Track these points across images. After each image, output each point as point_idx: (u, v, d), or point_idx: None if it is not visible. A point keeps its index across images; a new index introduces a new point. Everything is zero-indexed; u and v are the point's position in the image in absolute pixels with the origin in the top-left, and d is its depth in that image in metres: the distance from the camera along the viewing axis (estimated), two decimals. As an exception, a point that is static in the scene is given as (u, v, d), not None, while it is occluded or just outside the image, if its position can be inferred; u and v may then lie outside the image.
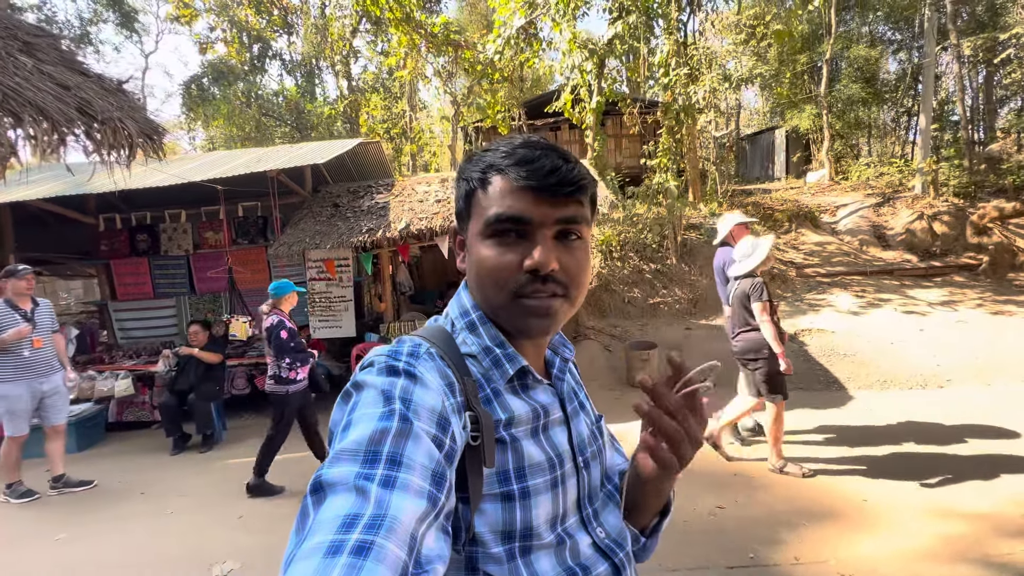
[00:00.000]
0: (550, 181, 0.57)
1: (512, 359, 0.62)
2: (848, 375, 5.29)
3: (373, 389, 0.51)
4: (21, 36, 1.52)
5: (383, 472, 0.42)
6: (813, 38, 14.29)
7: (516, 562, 0.55)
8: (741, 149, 16.84)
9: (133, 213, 6.39)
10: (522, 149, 0.60)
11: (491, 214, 0.59)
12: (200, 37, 17.84)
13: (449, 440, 0.50)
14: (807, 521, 2.72)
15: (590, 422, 0.70)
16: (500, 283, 0.59)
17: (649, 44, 8.32)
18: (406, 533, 0.39)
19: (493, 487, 0.56)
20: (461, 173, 0.65)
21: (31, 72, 1.34)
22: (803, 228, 9.69)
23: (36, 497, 3.73)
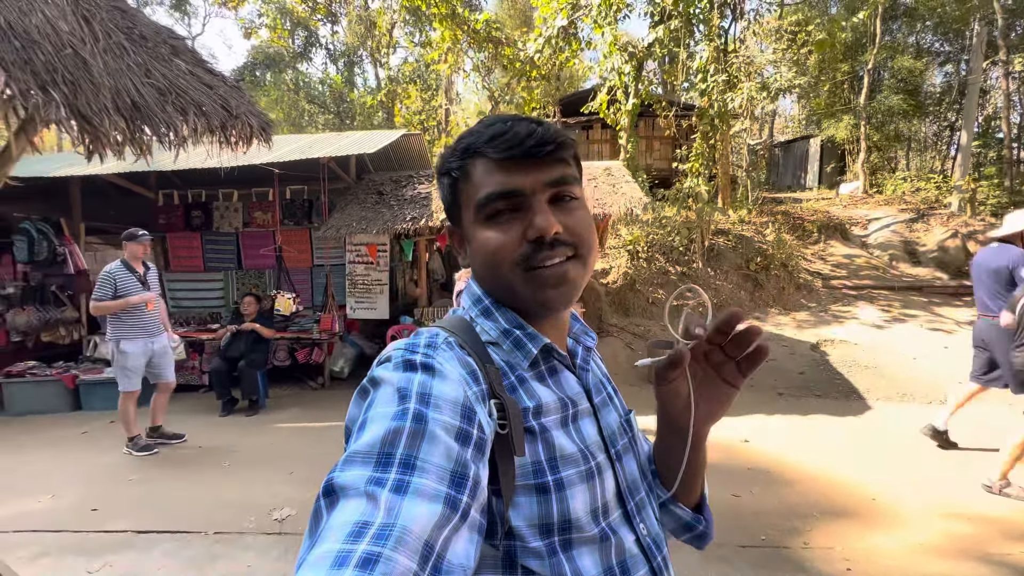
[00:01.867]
0: (528, 144, 0.56)
1: (533, 338, 0.60)
2: (868, 386, 5.38)
3: (389, 386, 0.49)
4: (168, 40, 1.80)
5: (395, 476, 0.41)
6: (856, 47, 14.05)
7: (558, 557, 0.53)
8: (773, 157, 16.68)
9: (189, 190, 6.80)
10: (492, 125, 0.59)
11: (480, 196, 0.58)
12: (245, 22, 18.43)
13: (477, 430, 0.48)
14: (818, 513, 2.90)
15: (620, 414, 0.68)
16: (507, 261, 0.58)
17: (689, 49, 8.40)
18: (418, 542, 0.37)
19: (528, 479, 0.53)
20: (440, 169, 0.64)
21: (186, 74, 1.62)
22: (832, 240, 9.67)
23: (155, 452, 3.96)
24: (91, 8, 1.39)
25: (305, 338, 5.93)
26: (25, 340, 5.79)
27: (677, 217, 8.86)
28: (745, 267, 8.18)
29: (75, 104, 1.11)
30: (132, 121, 1.30)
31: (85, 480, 3.54)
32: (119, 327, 3.87)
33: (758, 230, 9.16)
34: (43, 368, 5.40)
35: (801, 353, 6.27)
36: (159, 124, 1.37)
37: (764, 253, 8.34)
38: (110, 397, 5.28)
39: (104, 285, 3.79)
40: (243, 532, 2.79)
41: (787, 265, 8.29)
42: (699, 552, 2.49)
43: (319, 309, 6.44)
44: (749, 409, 4.81)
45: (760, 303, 7.87)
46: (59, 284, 5.79)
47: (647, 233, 8.46)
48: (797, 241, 9.25)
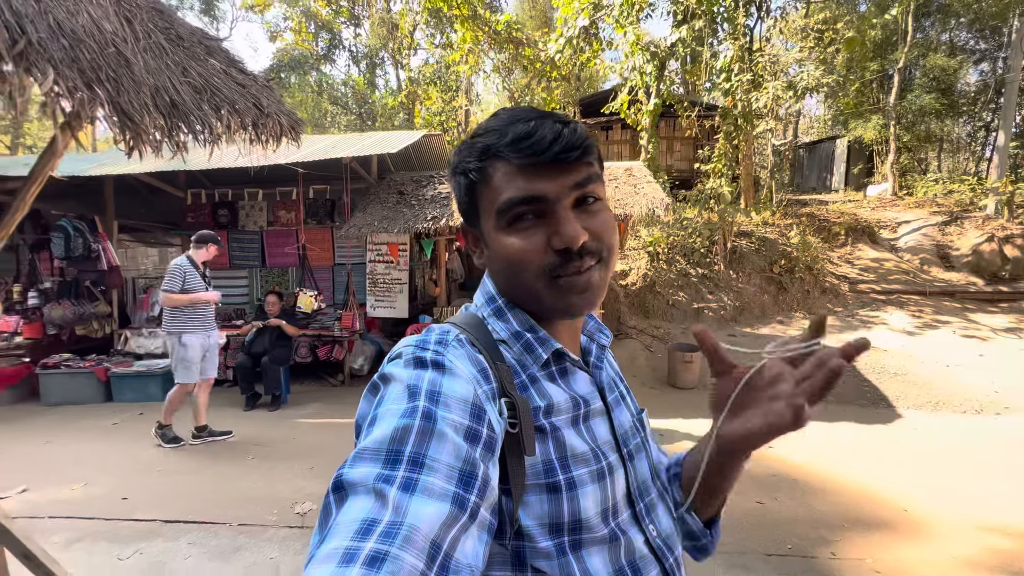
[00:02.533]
0: (555, 150, 0.53)
1: (544, 342, 0.59)
2: (897, 394, 5.22)
3: (399, 383, 0.49)
4: (202, 41, 1.85)
5: (404, 474, 0.41)
6: (886, 45, 13.67)
7: (567, 557, 0.52)
8: (798, 158, 16.33)
9: (216, 189, 6.97)
10: (515, 124, 0.55)
11: (502, 202, 0.56)
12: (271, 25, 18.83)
13: (487, 429, 0.48)
14: (847, 523, 2.82)
15: (632, 413, 0.67)
16: (531, 271, 0.56)
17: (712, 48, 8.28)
18: (425, 541, 0.37)
19: (539, 478, 0.53)
20: (456, 168, 0.60)
21: (221, 73, 1.66)
22: (860, 243, 9.41)
23: (182, 444, 4.05)
24: (132, 9, 1.43)
25: (326, 335, 6.01)
26: (60, 333, 6.01)
27: (698, 219, 8.74)
28: (769, 270, 8.02)
29: (117, 101, 1.15)
30: (170, 118, 1.34)
31: (116, 470, 3.65)
32: (183, 321, 3.97)
33: (782, 232, 8.97)
34: (77, 360, 5.58)
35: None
36: (195, 121, 1.41)
37: (788, 256, 8.16)
38: (139, 389, 5.45)
39: (175, 278, 3.88)
40: (266, 525, 2.84)
41: (812, 268, 8.10)
42: (721, 559, 2.46)
43: (340, 307, 6.52)
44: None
45: (784, 307, 7.70)
46: (92, 280, 5.98)
47: (668, 235, 8.36)
48: (823, 244, 9.03)
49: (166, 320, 3.97)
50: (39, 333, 5.87)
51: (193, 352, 3.97)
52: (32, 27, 0.99)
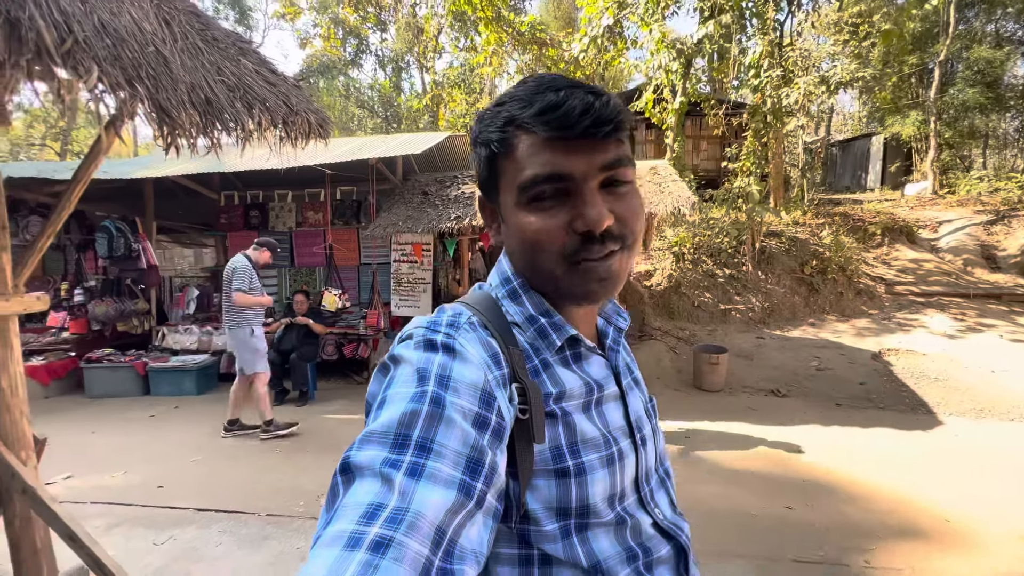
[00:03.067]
0: (584, 124, 0.50)
1: (559, 328, 0.58)
2: (938, 400, 4.98)
3: (408, 365, 0.48)
4: (236, 43, 1.91)
5: (411, 459, 0.40)
6: (926, 37, 13.13)
7: (571, 539, 0.52)
8: (831, 156, 15.81)
9: (248, 191, 7.19)
10: (543, 93, 0.51)
11: (525, 178, 0.52)
12: (301, 33, 19.36)
13: (496, 416, 0.47)
14: (883, 532, 2.70)
15: (644, 399, 0.66)
16: (551, 252, 0.54)
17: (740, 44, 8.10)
18: (431, 528, 0.37)
19: (547, 463, 0.52)
20: (478, 136, 0.57)
21: (251, 72, 1.72)
22: (897, 243, 9.04)
23: (294, 426, 4.28)
24: (171, 11, 1.50)
25: (352, 333, 6.12)
26: (103, 329, 6.29)
27: (725, 218, 8.55)
28: (799, 271, 7.78)
29: (156, 98, 1.20)
30: (205, 115, 1.40)
31: (153, 460, 3.80)
32: (252, 317, 4.21)
33: (814, 232, 8.70)
34: (118, 355, 5.84)
35: (861, 362, 5.89)
36: (228, 118, 1.47)
37: (820, 256, 7.90)
38: (175, 383, 5.66)
39: (245, 277, 4.11)
40: (293, 516, 2.90)
41: (846, 269, 7.82)
42: (749, 564, 2.39)
43: (366, 306, 6.64)
44: (803, 419, 4.56)
45: (816, 309, 7.46)
46: (133, 278, 6.25)
47: (694, 234, 8.21)
48: (857, 244, 8.71)
49: (233, 316, 4.14)
50: (84, 329, 6.17)
51: (264, 344, 4.25)
52: (79, 26, 1.05)
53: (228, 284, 4.09)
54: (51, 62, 1.01)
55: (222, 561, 2.50)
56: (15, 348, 1.95)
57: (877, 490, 3.18)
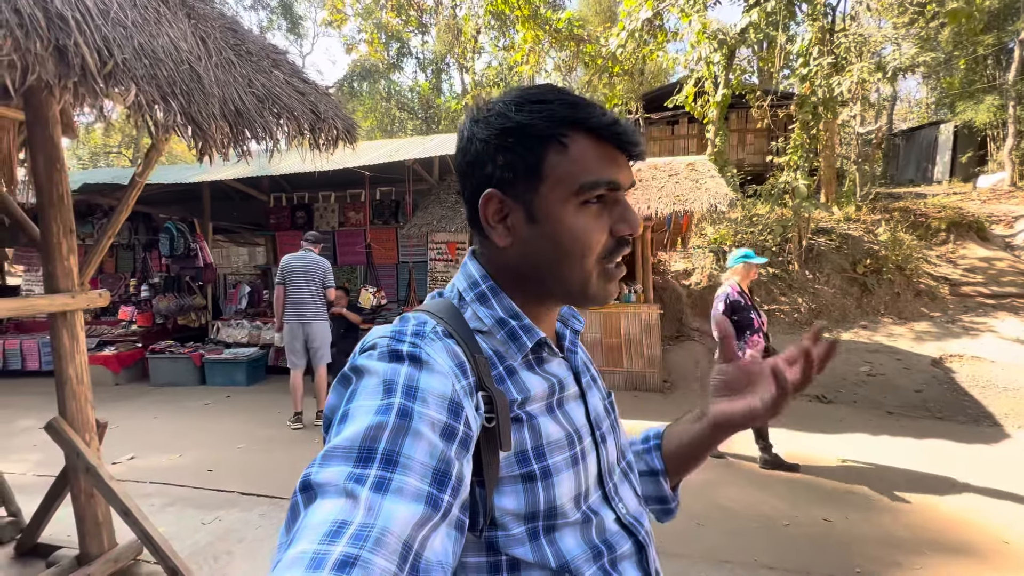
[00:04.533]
0: (634, 140, 0.56)
1: (529, 331, 0.58)
2: (1006, 411, 4.58)
3: (373, 377, 0.47)
4: (270, 54, 2.04)
5: (377, 474, 0.40)
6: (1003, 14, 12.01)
7: (539, 541, 0.52)
8: (893, 147, 14.78)
9: (295, 193, 7.56)
10: (592, 107, 0.55)
11: (588, 180, 0.54)
12: (347, 39, 20.08)
13: (463, 426, 0.47)
14: (930, 550, 2.53)
15: (602, 396, 0.68)
16: (592, 253, 0.56)
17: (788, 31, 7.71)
18: (398, 543, 0.36)
19: (512, 469, 0.52)
20: (520, 128, 0.55)
21: (283, 83, 1.83)
22: (965, 240, 8.35)
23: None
24: (208, 29, 1.62)
25: (389, 330, 6.32)
26: (166, 322, 6.81)
27: (771, 214, 8.18)
28: (851, 270, 7.34)
29: (189, 112, 1.31)
30: (235, 126, 1.51)
31: (205, 444, 4.09)
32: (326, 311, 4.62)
33: (868, 229, 8.17)
34: (178, 347, 6.30)
35: (919, 369, 5.50)
36: (257, 128, 1.57)
37: (875, 255, 7.42)
38: (227, 374, 6.05)
39: (331, 273, 4.57)
40: (327, 502, 3.05)
41: (904, 268, 7.31)
42: (778, 575, 2.30)
43: (403, 303, 6.83)
44: (849, 427, 4.32)
45: (869, 311, 7.02)
46: (191, 275, 6.71)
47: (735, 232, 7.90)
48: (918, 241, 8.12)
49: (321, 310, 4.53)
50: (149, 322, 6.70)
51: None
52: (118, 49, 1.16)
53: (317, 280, 4.46)
54: (95, 83, 1.14)
55: (261, 544, 2.66)
56: (81, 340, 2.17)
57: (928, 506, 2.98)
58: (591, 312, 5.52)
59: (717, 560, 2.45)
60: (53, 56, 1.08)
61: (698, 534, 2.67)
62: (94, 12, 1.14)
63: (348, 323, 5.64)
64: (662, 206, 5.14)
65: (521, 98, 0.56)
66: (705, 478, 3.30)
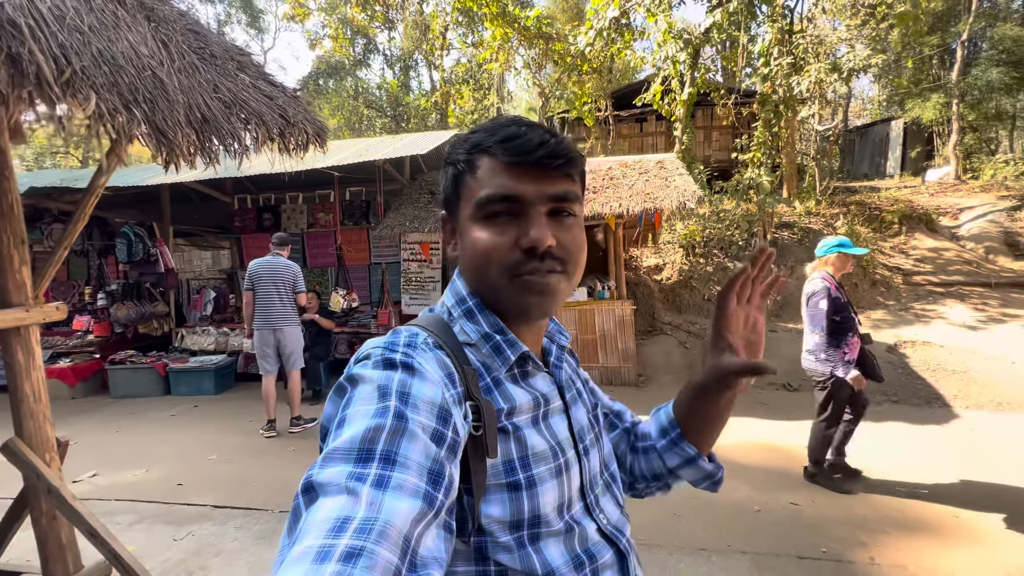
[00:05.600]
0: (538, 155, 0.57)
1: (512, 345, 0.61)
2: (955, 392, 4.88)
3: (368, 384, 0.49)
4: (235, 57, 1.97)
5: (376, 472, 0.41)
6: (947, 17, 12.70)
7: (526, 550, 0.55)
8: (848, 143, 15.44)
9: (261, 195, 7.34)
10: (507, 127, 0.59)
11: (482, 195, 0.58)
12: (311, 34, 19.54)
13: (451, 432, 0.49)
14: (889, 528, 2.68)
15: (588, 409, 0.70)
16: (496, 265, 0.58)
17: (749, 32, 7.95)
18: (399, 536, 0.38)
19: (499, 477, 0.55)
20: (447, 158, 0.64)
21: (249, 87, 1.77)
22: (916, 231, 8.82)
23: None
24: (169, 32, 1.55)
25: (363, 332, 6.23)
26: (125, 331, 6.51)
27: (736, 210, 8.44)
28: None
29: (153, 120, 1.26)
30: (201, 133, 1.45)
31: (173, 457, 3.95)
32: (297, 316, 4.57)
33: (828, 222, 8.53)
34: (139, 357, 6.04)
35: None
36: (225, 135, 1.52)
37: (835, 247, 7.74)
38: (193, 384, 5.84)
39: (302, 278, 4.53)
40: (305, 512, 2.99)
41: (861, 260, 7.66)
42: (751, 560, 2.40)
43: (377, 305, 6.74)
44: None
45: (830, 301, 7.33)
46: (152, 282, 6.44)
47: (704, 227, 8.12)
48: (873, 234, 8.53)
49: (292, 315, 4.45)
50: (108, 331, 6.39)
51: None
52: (76, 57, 1.11)
53: (287, 285, 4.38)
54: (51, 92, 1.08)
55: (238, 556, 2.60)
56: (37, 356, 2.06)
57: (886, 485, 3.15)
58: (565, 308, 5.58)
59: (694, 549, 2.53)
60: (6, 64, 1.02)
61: (676, 525, 2.75)
62: (48, 18, 1.08)
63: (320, 327, 5.54)
64: (633, 204, 5.23)
65: (465, 132, 0.64)
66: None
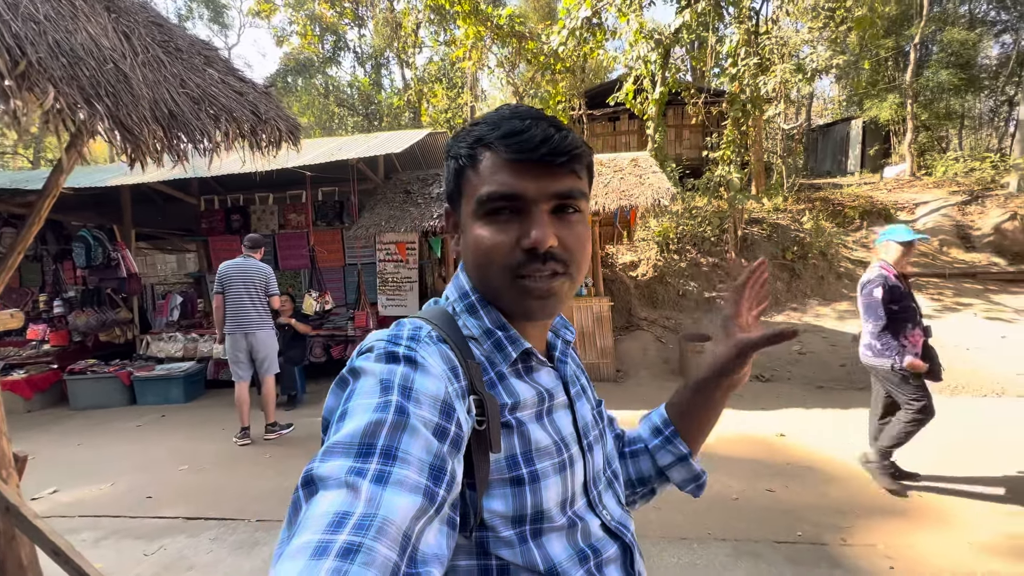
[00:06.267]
0: (542, 151, 0.54)
1: (515, 341, 0.60)
2: (916, 379, 5.11)
3: (371, 377, 0.49)
4: (201, 51, 1.90)
5: (376, 467, 0.41)
6: (901, 20, 13.28)
7: (528, 545, 0.54)
8: (812, 141, 15.98)
9: (229, 195, 7.11)
10: (510, 120, 0.56)
11: (483, 193, 0.56)
12: (278, 31, 19.03)
13: (455, 427, 0.48)
14: (859, 509, 2.79)
15: (592, 406, 0.70)
16: (497, 265, 0.57)
17: (718, 33, 8.14)
18: (398, 532, 0.38)
19: (502, 472, 0.54)
20: (449, 151, 0.61)
21: (218, 82, 1.71)
22: (876, 226, 9.20)
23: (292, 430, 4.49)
24: (131, 24, 1.48)
25: (339, 335, 6.11)
26: (85, 340, 6.21)
27: (708, 207, 8.64)
28: (781, 257, 7.90)
29: (117, 115, 1.19)
30: (169, 129, 1.39)
31: (140, 469, 3.79)
32: (271, 319, 4.41)
33: (794, 218, 8.82)
34: (102, 366, 5.77)
35: (843, 345, 6.02)
36: (194, 131, 1.46)
37: (801, 242, 8.03)
38: (160, 392, 5.62)
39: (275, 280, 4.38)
40: (282, 520, 2.91)
41: (826, 254, 7.96)
42: (730, 546, 2.46)
43: (353, 307, 6.62)
44: (786, 402, 4.67)
45: (798, 294, 7.59)
46: (113, 287, 6.16)
47: (677, 224, 8.28)
48: (837, 228, 8.86)
49: (266, 319, 4.30)
50: (65, 340, 6.08)
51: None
52: (32, 48, 1.04)
53: (259, 287, 4.23)
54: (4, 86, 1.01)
55: (214, 568, 2.51)
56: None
57: (855, 470, 3.28)
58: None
59: (675, 538, 2.58)
60: (-45, 57, 0.95)
61: (657, 516, 2.80)
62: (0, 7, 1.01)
63: (295, 331, 5.41)
64: (609, 201, 5.29)
65: (466, 125, 0.61)
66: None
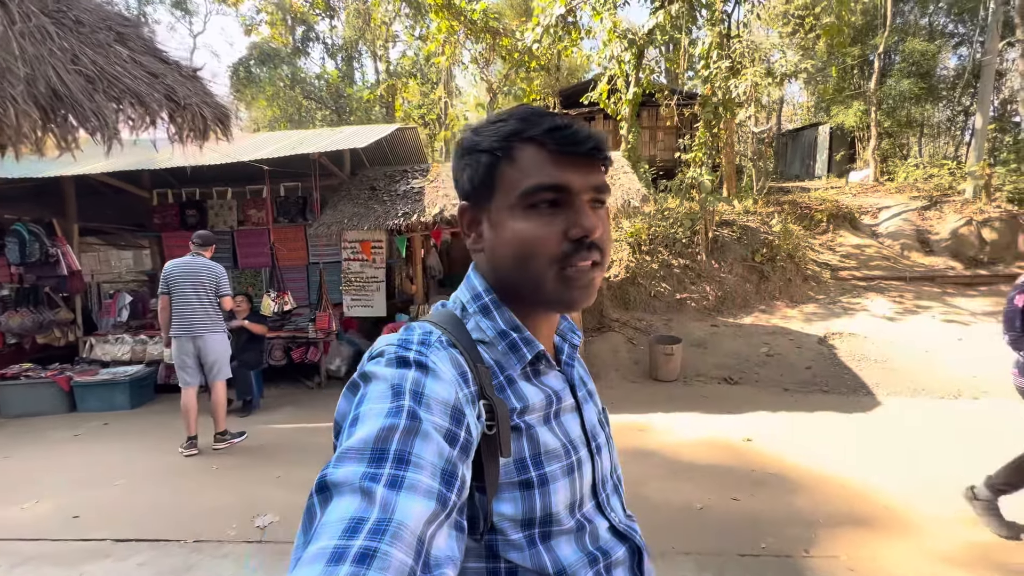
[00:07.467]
0: (587, 146, 0.57)
1: (529, 343, 0.61)
2: (877, 381, 5.20)
3: (382, 382, 0.49)
4: (114, 27, 1.69)
5: (390, 472, 0.41)
6: (867, 30, 13.66)
7: (537, 548, 0.55)
8: (781, 145, 16.33)
9: (183, 189, 6.74)
10: (545, 117, 0.58)
11: (529, 185, 0.57)
12: (246, 19, 18.36)
13: (464, 432, 0.49)
14: (823, 519, 2.76)
15: (598, 410, 0.71)
16: (544, 256, 0.57)
17: (691, 35, 8.15)
18: (413, 537, 0.38)
19: (511, 475, 0.55)
20: (476, 146, 0.60)
21: (126, 61, 1.51)
22: (841, 229, 9.42)
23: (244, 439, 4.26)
24: (10, -12, 1.28)
25: (300, 337, 5.85)
26: (22, 342, 5.78)
27: (680, 208, 8.66)
28: (750, 259, 7.98)
29: (-29, 92, 1.00)
30: (53, 111, 1.20)
31: (72, 485, 3.49)
32: (223, 321, 4.19)
33: (764, 221, 8.94)
34: (38, 370, 5.37)
35: (808, 347, 6.09)
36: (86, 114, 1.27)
37: (770, 244, 8.12)
38: (104, 398, 5.26)
39: (227, 280, 4.12)
40: (223, 540, 2.71)
41: (794, 256, 8.08)
42: (693, 560, 2.38)
43: (315, 307, 6.36)
44: (752, 406, 4.66)
45: (766, 295, 7.67)
46: (52, 286, 5.75)
47: (649, 225, 8.27)
48: (805, 231, 9.02)
49: (217, 321, 4.07)
50: None
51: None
52: None
53: (208, 288, 3.98)
54: None
55: (139, 598, 2.29)
56: None
57: (820, 477, 3.26)
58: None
59: (639, 553, 2.48)
60: None
61: (621, 529, 2.70)
62: None
63: (251, 333, 5.14)
64: (580, 202, 5.19)
65: (485, 121, 0.62)
66: (633, 474, 3.36)
